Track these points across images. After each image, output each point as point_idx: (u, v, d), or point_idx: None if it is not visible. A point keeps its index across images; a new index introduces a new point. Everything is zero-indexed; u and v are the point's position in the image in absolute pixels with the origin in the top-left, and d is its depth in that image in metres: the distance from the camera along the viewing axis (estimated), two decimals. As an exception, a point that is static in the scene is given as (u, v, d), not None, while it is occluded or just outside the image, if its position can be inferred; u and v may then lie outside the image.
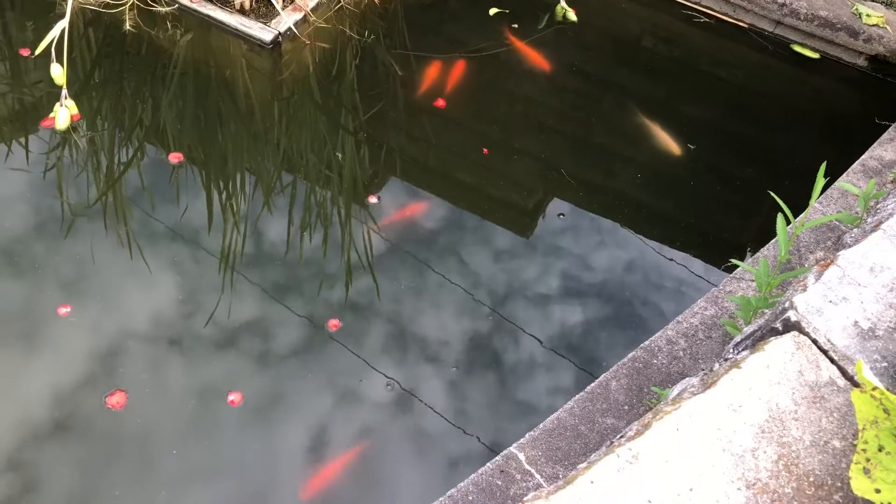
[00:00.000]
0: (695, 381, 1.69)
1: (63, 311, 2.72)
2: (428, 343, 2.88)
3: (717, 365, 1.76)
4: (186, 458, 2.45)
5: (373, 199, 3.30)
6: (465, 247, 3.22)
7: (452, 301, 3.01)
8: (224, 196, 3.27)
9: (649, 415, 1.51)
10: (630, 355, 2.49)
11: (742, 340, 1.76)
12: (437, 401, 2.72)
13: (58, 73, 3.06)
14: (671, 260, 3.36)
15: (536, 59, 4.03)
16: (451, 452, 2.62)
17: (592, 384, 2.41)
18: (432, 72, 3.88)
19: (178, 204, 3.16)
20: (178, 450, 2.46)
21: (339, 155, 3.46)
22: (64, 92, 3.12)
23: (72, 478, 2.37)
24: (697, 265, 3.37)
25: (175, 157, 3.31)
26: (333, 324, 2.84)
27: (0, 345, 2.63)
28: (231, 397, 2.58)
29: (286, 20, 3.69)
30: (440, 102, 3.71)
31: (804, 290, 1.67)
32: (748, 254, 3.46)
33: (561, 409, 2.34)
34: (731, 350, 1.77)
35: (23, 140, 3.29)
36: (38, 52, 3.06)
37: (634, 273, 3.28)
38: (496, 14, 4.23)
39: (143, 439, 2.47)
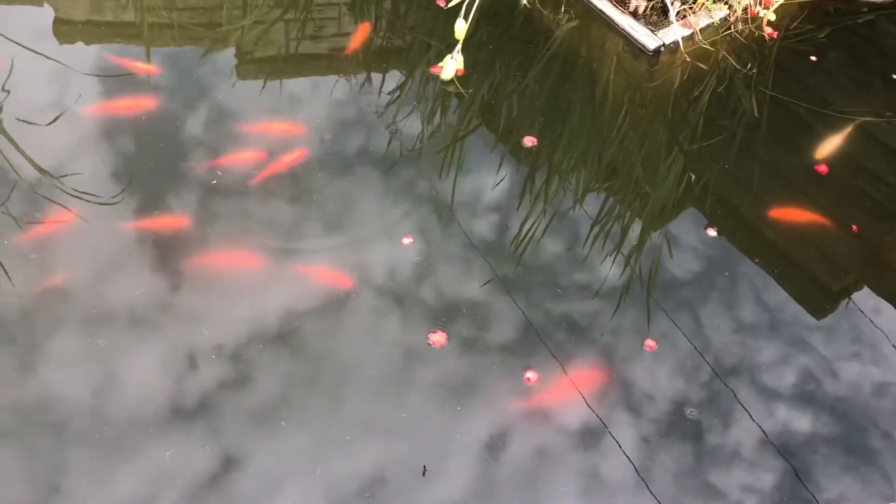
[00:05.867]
0: None
1: (406, 241, 2.97)
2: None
3: None
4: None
5: (711, 232, 3.21)
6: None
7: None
8: (541, 182, 3.35)
9: None
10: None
11: None
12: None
13: (461, 28, 3.27)
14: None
15: None
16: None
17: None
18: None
19: (496, 176, 3.30)
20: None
21: (692, 176, 3.41)
22: (458, 46, 3.34)
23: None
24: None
25: (529, 141, 3.44)
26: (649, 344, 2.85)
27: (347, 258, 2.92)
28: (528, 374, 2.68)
29: (674, 33, 3.68)
30: (822, 168, 3.54)
31: None
32: None
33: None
34: None
35: (404, 79, 3.60)
36: (451, 4, 3.30)
37: (886, 398, 2.92)
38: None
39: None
